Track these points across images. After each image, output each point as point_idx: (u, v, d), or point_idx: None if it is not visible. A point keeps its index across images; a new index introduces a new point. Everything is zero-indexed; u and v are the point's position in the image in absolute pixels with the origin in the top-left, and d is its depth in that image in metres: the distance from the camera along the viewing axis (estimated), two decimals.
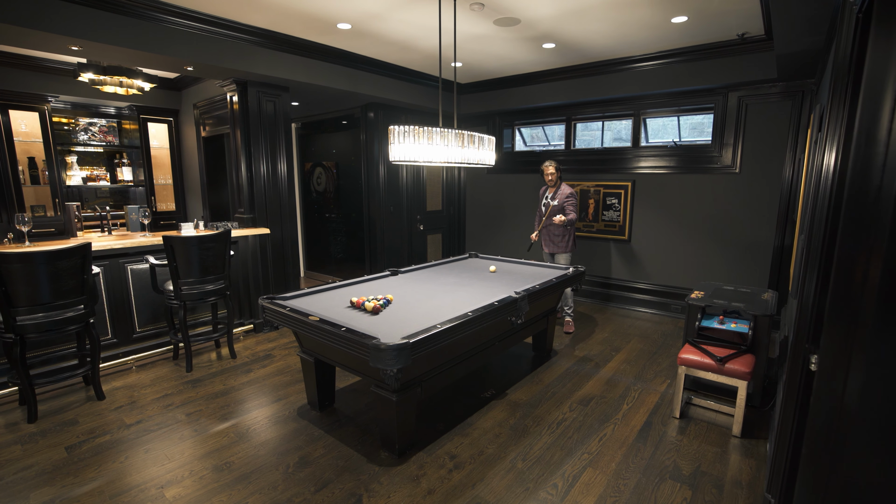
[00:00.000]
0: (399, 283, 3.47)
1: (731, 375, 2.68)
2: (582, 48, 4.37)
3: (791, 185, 4.19)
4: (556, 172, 4.43)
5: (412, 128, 2.84)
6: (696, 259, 4.86)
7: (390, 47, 4.39)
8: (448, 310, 2.73)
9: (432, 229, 6.66)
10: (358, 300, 2.78)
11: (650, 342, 4.29)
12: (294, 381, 3.42)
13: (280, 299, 2.92)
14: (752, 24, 3.66)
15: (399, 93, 5.31)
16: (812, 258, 1.60)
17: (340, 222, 6.60)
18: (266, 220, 4.52)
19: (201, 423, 2.81)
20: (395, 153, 2.89)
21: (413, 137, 2.84)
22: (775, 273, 4.37)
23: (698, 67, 4.32)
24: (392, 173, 5.84)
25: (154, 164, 6.12)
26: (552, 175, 4.44)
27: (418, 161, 2.92)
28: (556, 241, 4.45)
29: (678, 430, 2.79)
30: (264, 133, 4.40)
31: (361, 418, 2.90)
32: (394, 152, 2.89)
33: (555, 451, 2.55)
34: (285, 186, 4.65)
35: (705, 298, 3.17)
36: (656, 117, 5.17)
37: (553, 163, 4.43)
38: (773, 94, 4.22)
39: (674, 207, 4.95)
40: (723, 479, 2.32)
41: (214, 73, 4.08)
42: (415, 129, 2.83)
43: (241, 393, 3.24)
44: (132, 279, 3.76)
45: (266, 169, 4.46)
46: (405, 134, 2.83)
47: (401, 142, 2.86)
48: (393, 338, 2.18)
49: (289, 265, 4.76)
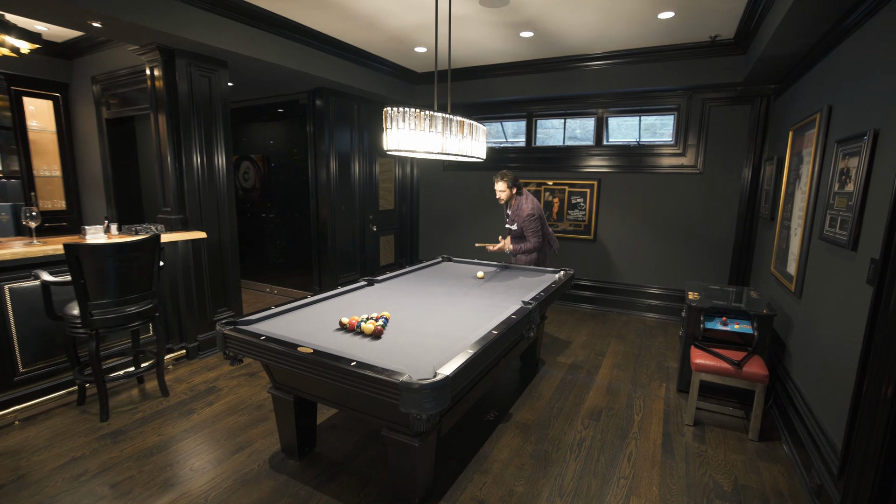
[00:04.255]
0: (381, 294, 2.97)
1: (749, 379, 2.61)
2: (559, 40, 4.18)
3: (750, 185, 4.37)
4: (507, 189, 3.69)
5: (411, 111, 2.38)
6: (661, 257, 4.94)
7: (354, 23, 3.83)
8: (460, 327, 2.32)
9: (385, 230, 6.14)
10: (350, 321, 2.26)
11: (628, 343, 4.23)
12: (256, 421, 2.78)
13: (243, 324, 2.30)
14: (728, 26, 3.71)
15: (355, 78, 4.74)
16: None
17: (280, 223, 5.81)
18: (201, 222, 3.72)
19: (136, 498, 2.11)
20: (391, 141, 2.40)
21: (413, 122, 2.38)
22: (735, 269, 4.55)
23: (668, 67, 4.34)
24: (344, 168, 5.24)
25: (34, 150, 4.87)
26: (503, 192, 3.70)
27: (416, 151, 2.46)
28: (521, 261, 4.00)
29: (697, 438, 2.66)
30: (197, 117, 3.61)
31: (354, 463, 2.38)
32: (390, 140, 2.40)
33: (589, 479, 2.27)
34: (224, 182, 3.88)
35: (703, 300, 3.11)
36: (619, 116, 5.18)
37: (505, 177, 3.66)
38: (734, 98, 4.38)
39: (639, 207, 4.99)
40: (764, 492, 2.20)
41: (130, 35, 3.22)
42: (415, 113, 2.38)
43: (185, 445, 2.53)
44: (11, 302, 2.80)
45: (200, 161, 3.66)
46: (403, 118, 2.36)
47: (398, 127, 2.39)
48: (421, 371, 1.74)
49: (229, 275, 3.99)
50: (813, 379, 2.36)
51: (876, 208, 1.89)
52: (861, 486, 1.72)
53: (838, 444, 1.97)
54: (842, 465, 1.85)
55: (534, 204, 3.74)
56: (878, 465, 1.65)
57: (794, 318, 2.80)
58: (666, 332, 4.55)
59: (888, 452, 1.63)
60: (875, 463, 1.65)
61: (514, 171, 5.29)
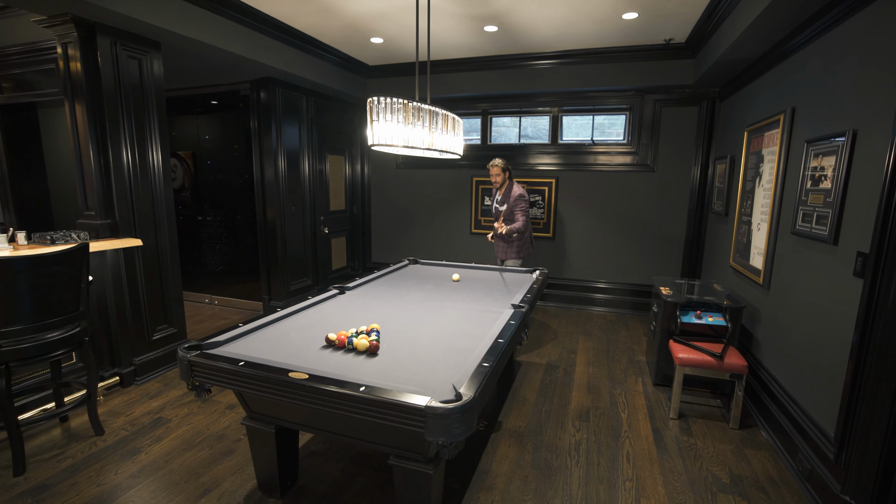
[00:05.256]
0: (358, 304, 2.72)
1: (730, 370, 2.71)
2: (522, 36, 4.13)
3: (699, 183, 4.64)
4: (502, 173, 4.05)
5: (400, 101, 2.17)
6: (617, 253, 5.10)
7: (307, 6, 3.50)
8: (458, 336, 2.16)
9: (336, 232, 5.78)
10: (338, 337, 2.01)
11: (595, 339, 4.30)
12: (219, 455, 2.41)
13: (208, 347, 1.96)
14: (682, 31, 3.87)
15: (304, 68, 4.37)
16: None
17: (219, 227, 5.25)
18: (134, 227, 3.20)
19: None
20: (377, 135, 2.17)
21: (401, 114, 2.17)
22: (687, 263, 4.81)
23: (623, 68, 4.47)
24: (293, 166, 4.83)
25: None
26: (498, 177, 4.05)
27: (401, 147, 2.25)
28: (504, 247, 4.13)
29: (684, 432, 2.72)
30: (127, 106, 3.09)
31: (346, 495, 2.13)
32: (376, 134, 2.17)
33: (596, 486, 2.21)
34: (160, 181, 3.37)
35: (676, 295, 3.21)
36: (573, 115, 5.27)
37: (500, 162, 4.03)
38: (682, 99, 4.61)
39: (595, 204, 5.11)
40: (758, 479, 2.27)
41: (32, 1, 2.66)
42: (404, 104, 2.17)
43: (135, 494, 2.12)
44: None
45: (130, 157, 3.14)
46: (391, 110, 2.14)
47: (386, 119, 2.16)
48: (439, 391, 1.56)
49: (169, 287, 3.49)
50: (791, 366, 2.49)
51: (856, 205, 2.00)
52: (862, 472, 1.80)
53: (828, 429, 2.07)
54: (838, 450, 1.94)
55: (522, 188, 4.07)
56: (882, 453, 1.73)
57: (761, 309, 2.96)
58: (627, 326, 4.70)
59: (891, 439, 1.71)
60: (878, 450, 1.73)
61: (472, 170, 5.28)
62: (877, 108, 1.89)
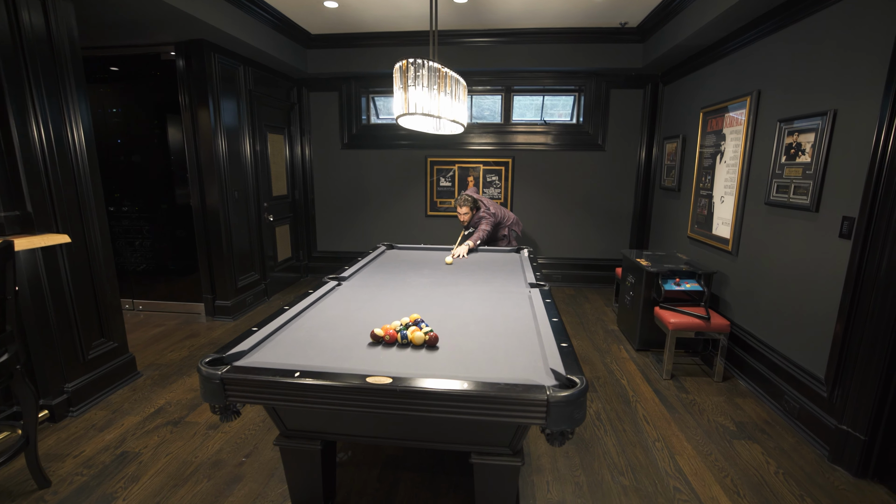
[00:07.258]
0: (367, 295, 2.46)
1: (716, 330, 2.98)
2: (490, 11, 4.02)
3: (645, 161, 5.00)
4: (470, 213, 3.77)
5: (430, 64, 1.95)
6: (571, 229, 5.33)
7: None
8: (504, 319, 2.06)
9: (280, 220, 5.24)
10: (386, 332, 1.79)
11: (565, 313, 4.47)
12: (226, 485, 2.05)
13: (232, 358, 1.62)
14: (638, 15, 4.07)
15: (243, 30, 3.80)
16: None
17: (139, 219, 4.43)
18: (55, 221, 2.53)
19: None
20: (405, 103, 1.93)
21: (433, 79, 1.96)
22: (635, 236, 5.20)
23: (577, 49, 4.59)
24: (233, 146, 4.22)
25: None
26: (467, 215, 3.78)
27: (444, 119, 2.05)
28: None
29: (681, 390, 2.94)
30: (33, 67, 2.39)
31: (396, 502, 1.94)
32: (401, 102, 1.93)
33: (632, 450, 2.30)
34: (85, 162, 2.70)
35: (656, 265, 3.43)
36: (524, 95, 5.32)
37: (467, 202, 3.74)
38: (628, 81, 4.89)
39: (549, 183, 5.27)
40: (756, 423, 2.54)
41: None
42: (437, 68, 1.96)
43: None
44: None
45: (42, 132, 2.46)
46: (422, 74, 1.92)
47: (413, 86, 1.93)
48: (533, 376, 1.46)
49: (104, 292, 2.85)
50: (772, 321, 2.80)
51: (837, 176, 2.28)
52: (860, 403, 2.09)
53: (817, 372, 2.37)
54: (832, 388, 2.23)
55: (485, 207, 3.87)
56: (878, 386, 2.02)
57: (729, 274, 3.29)
58: (587, 298, 4.97)
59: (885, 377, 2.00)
60: (875, 383, 2.02)
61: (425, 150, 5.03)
62: (860, 90, 2.15)
